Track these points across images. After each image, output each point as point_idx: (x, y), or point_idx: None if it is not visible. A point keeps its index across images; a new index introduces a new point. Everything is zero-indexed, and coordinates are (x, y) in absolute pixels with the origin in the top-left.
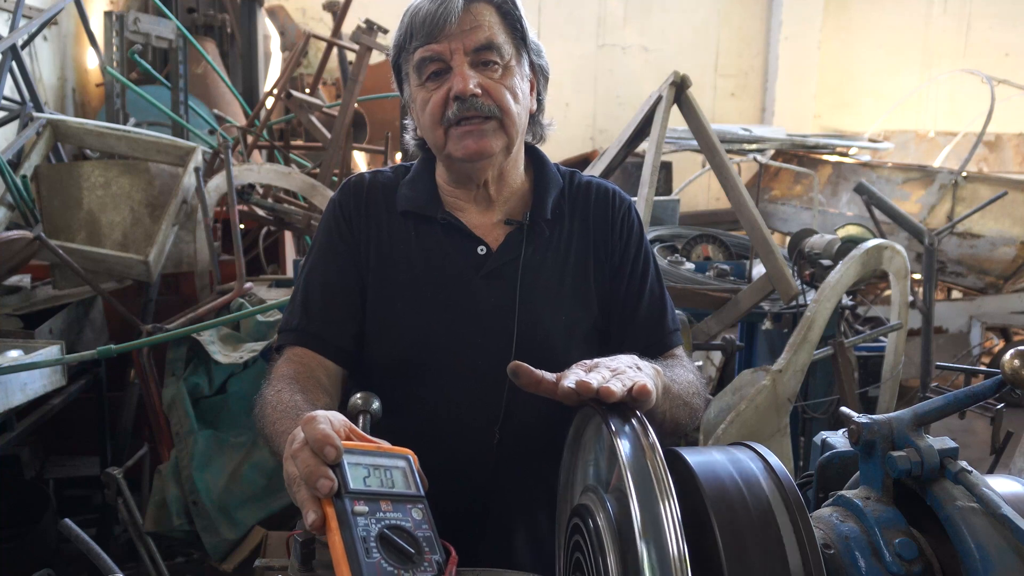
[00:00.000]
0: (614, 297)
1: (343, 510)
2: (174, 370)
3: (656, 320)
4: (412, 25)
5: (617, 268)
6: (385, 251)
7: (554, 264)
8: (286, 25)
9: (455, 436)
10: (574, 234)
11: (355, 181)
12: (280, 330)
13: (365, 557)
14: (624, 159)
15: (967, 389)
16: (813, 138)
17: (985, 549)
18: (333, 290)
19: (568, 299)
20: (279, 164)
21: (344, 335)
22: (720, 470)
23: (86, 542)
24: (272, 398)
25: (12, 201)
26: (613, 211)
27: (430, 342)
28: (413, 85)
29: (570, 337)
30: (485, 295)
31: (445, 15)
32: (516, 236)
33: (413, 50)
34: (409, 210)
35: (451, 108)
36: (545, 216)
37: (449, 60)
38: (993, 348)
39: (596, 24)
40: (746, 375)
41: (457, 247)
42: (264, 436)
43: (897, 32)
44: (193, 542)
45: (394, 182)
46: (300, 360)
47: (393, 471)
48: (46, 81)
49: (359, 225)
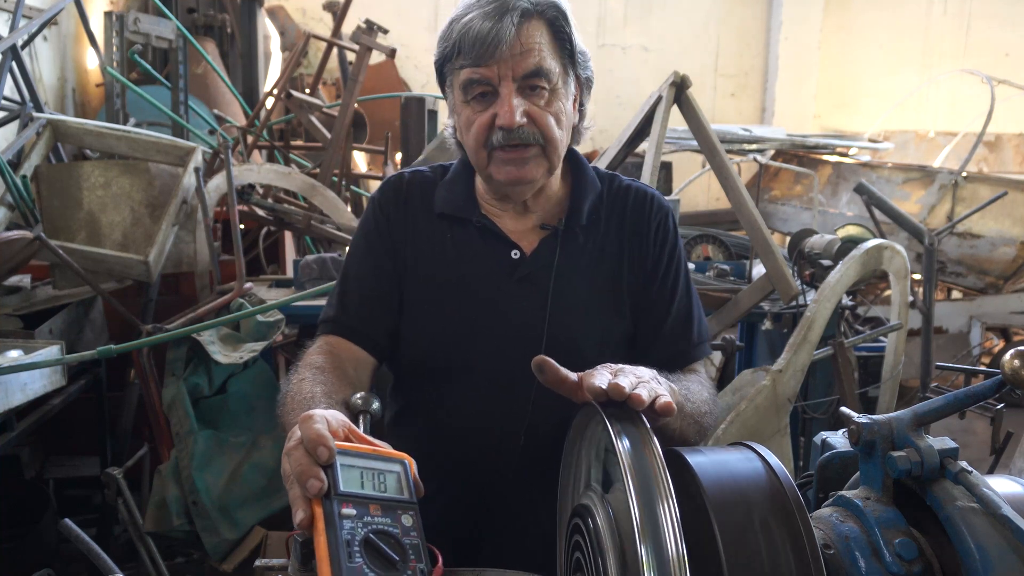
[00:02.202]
0: (644, 304)
1: (330, 512)
2: (174, 370)
3: (683, 331)
4: (462, 42)
5: (649, 275)
6: (421, 251)
7: (587, 270)
8: (286, 25)
9: (480, 437)
10: (609, 239)
11: (395, 180)
12: (319, 322)
13: (347, 561)
14: (624, 159)
15: (967, 389)
16: (813, 138)
17: (985, 549)
18: (370, 287)
19: (600, 306)
20: (279, 164)
21: (379, 330)
22: (720, 470)
23: (86, 542)
24: (294, 387)
25: (12, 201)
26: (649, 217)
27: (460, 344)
28: (457, 100)
29: (600, 344)
30: (517, 299)
31: (497, 39)
32: (550, 241)
33: (459, 67)
34: (446, 212)
35: (496, 135)
36: (581, 222)
37: (497, 85)
38: (993, 348)
39: (596, 24)
40: (746, 375)
41: (491, 250)
42: (281, 424)
43: (897, 32)
44: (193, 542)
45: (432, 182)
46: (331, 350)
47: (387, 475)
48: (46, 81)
49: (397, 224)
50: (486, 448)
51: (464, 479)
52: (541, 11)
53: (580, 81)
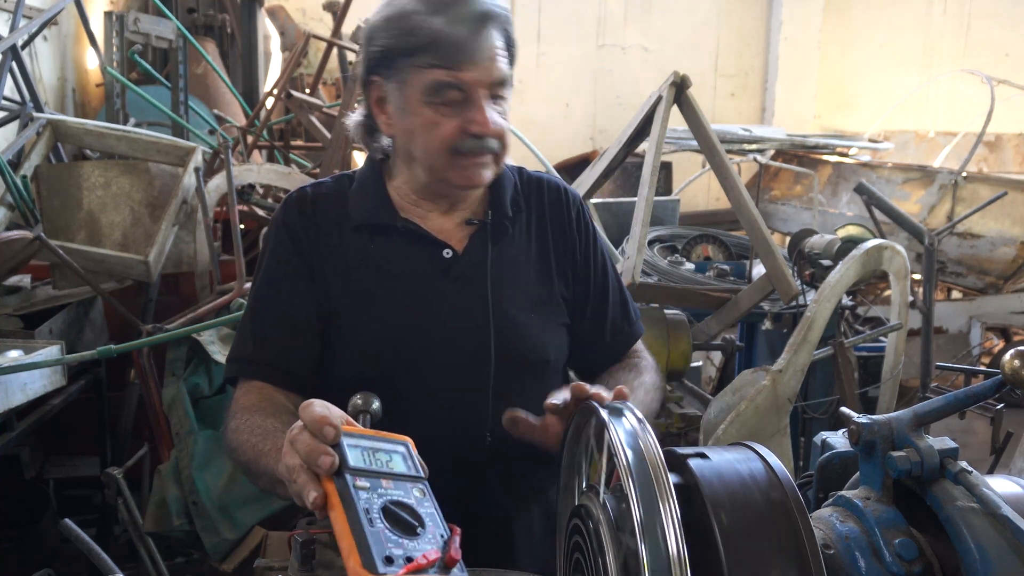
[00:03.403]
0: (582, 296)
1: (344, 486)
2: (174, 370)
3: (623, 315)
4: (435, 42)
5: (581, 266)
6: (342, 266)
7: (520, 260)
8: (286, 25)
9: (445, 445)
10: (532, 229)
11: (297, 197)
12: (230, 359)
13: (368, 526)
14: (624, 159)
15: (967, 389)
16: (813, 138)
17: (985, 549)
18: (285, 315)
19: (537, 293)
20: (279, 164)
21: (301, 363)
22: (720, 470)
23: (86, 542)
24: (245, 425)
25: (12, 201)
26: (568, 207)
27: (403, 353)
28: (413, 98)
29: (544, 330)
30: (456, 298)
31: (475, 44)
32: (480, 236)
33: (428, 66)
34: (365, 222)
35: (465, 141)
36: (506, 213)
37: (471, 92)
38: (993, 348)
39: (596, 24)
40: (746, 375)
41: (421, 253)
42: (245, 463)
43: (897, 32)
44: (193, 542)
45: (340, 193)
46: (260, 391)
47: (392, 454)
48: (46, 81)
49: (309, 243)
50: (454, 455)
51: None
52: (499, 16)
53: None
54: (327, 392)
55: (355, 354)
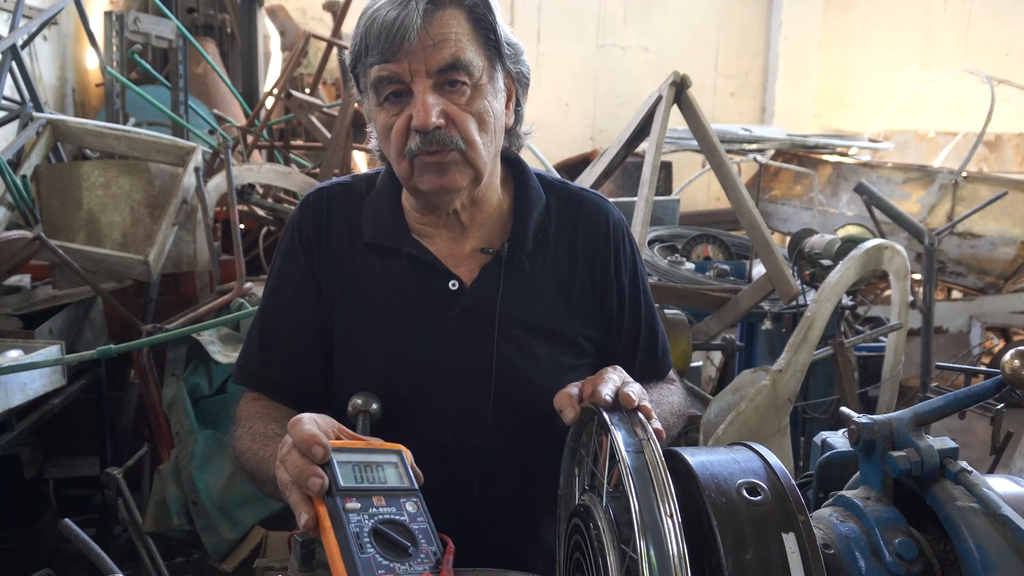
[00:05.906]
0: (612, 338)
1: (335, 508)
2: (174, 370)
3: (651, 348)
4: (367, 36)
5: (614, 307)
6: (350, 286)
7: (539, 296)
8: (286, 25)
9: (428, 493)
10: (560, 261)
11: (314, 200)
12: (239, 365)
13: (359, 553)
14: (624, 159)
15: (967, 389)
16: (813, 138)
17: (985, 549)
18: (290, 332)
19: (555, 335)
20: (279, 164)
21: (304, 380)
22: (720, 470)
23: (86, 542)
24: (248, 432)
25: (12, 201)
26: (607, 238)
27: (401, 391)
28: (373, 103)
29: (552, 376)
30: (459, 336)
31: (403, 29)
32: (493, 268)
33: (369, 65)
34: (375, 243)
35: (413, 140)
36: (526, 245)
37: (409, 83)
38: (993, 348)
39: (596, 24)
40: (746, 375)
41: (426, 283)
42: (250, 470)
43: (897, 32)
44: (193, 542)
45: (357, 198)
46: (264, 399)
47: (384, 466)
48: (46, 81)
49: (320, 256)
50: (439, 507)
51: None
52: (461, 1)
53: (512, 77)
54: (331, 404)
55: (350, 383)
